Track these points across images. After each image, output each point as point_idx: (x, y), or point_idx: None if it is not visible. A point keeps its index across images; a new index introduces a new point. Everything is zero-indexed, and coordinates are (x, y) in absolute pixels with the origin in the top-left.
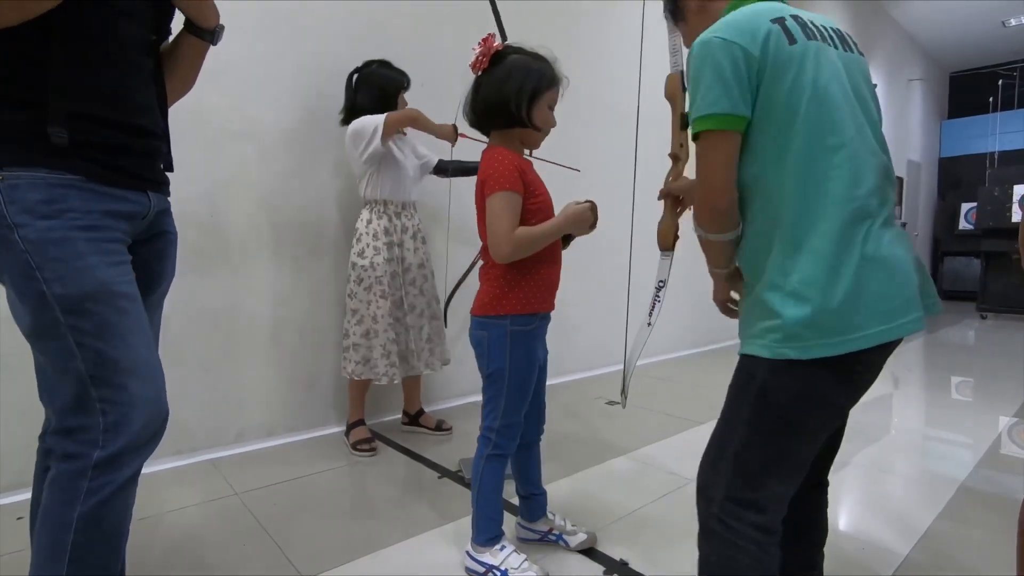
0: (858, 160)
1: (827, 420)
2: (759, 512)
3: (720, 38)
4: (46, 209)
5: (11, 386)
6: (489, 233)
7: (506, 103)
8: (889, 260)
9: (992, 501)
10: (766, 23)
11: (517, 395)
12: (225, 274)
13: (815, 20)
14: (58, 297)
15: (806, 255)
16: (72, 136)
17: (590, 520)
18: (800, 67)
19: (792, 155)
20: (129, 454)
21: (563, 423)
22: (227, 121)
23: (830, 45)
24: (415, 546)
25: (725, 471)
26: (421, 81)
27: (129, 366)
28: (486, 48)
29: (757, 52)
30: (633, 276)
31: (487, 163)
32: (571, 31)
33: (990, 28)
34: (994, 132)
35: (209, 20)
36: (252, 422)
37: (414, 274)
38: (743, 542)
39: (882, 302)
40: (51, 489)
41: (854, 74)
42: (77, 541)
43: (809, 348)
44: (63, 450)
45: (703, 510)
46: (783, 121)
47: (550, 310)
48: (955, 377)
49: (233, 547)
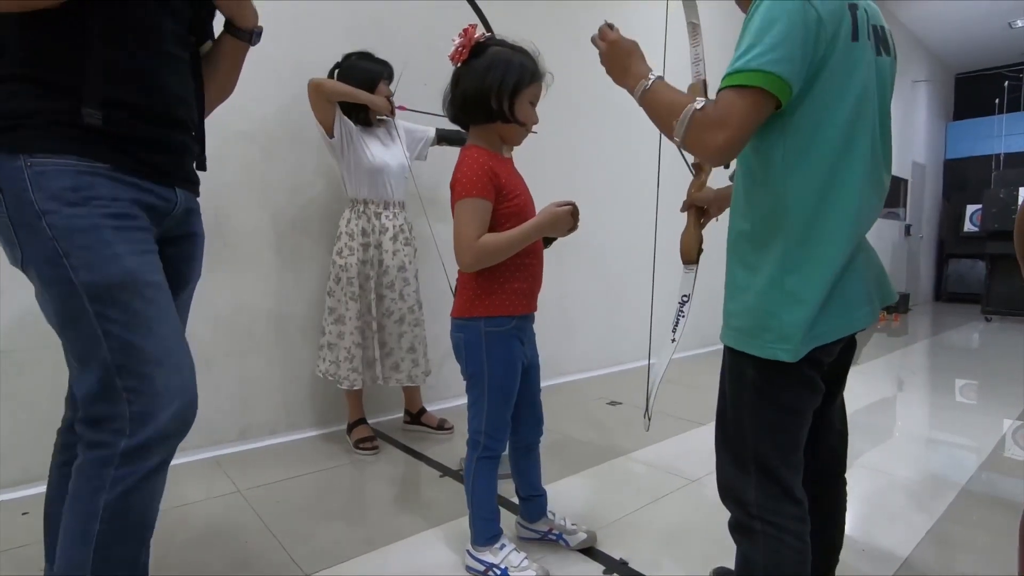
0: (872, 179)
1: (814, 401)
2: (796, 503)
3: None
4: (73, 196)
5: (15, 382)
6: (454, 240)
7: (486, 96)
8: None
9: (994, 504)
10: (845, 5)
11: (499, 395)
12: (229, 273)
13: (868, 11)
14: (85, 285)
15: (813, 262)
16: (105, 123)
17: (590, 519)
18: (854, 69)
19: (817, 156)
20: (156, 444)
21: (564, 423)
22: (233, 121)
23: (873, 50)
24: (417, 544)
25: (752, 471)
26: (423, 81)
27: (156, 356)
28: (467, 39)
29: (830, 33)
30: (631, 278)
31: (459, 166)
32: (578, 28)
33: (996, 29)
34: (1000, 134)
35: (248, 20)
36: (255, 420)
37: (392, 277)
38: (788, 537)
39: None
40: (78, 476)
41: (885, 85)
42: (103, 529)
43: (799, 351)
44: (90, 439)
45: (739, 513)
46: (822, 118)
47: (530, 311)
48: (959, 379)
49: (235, 544)
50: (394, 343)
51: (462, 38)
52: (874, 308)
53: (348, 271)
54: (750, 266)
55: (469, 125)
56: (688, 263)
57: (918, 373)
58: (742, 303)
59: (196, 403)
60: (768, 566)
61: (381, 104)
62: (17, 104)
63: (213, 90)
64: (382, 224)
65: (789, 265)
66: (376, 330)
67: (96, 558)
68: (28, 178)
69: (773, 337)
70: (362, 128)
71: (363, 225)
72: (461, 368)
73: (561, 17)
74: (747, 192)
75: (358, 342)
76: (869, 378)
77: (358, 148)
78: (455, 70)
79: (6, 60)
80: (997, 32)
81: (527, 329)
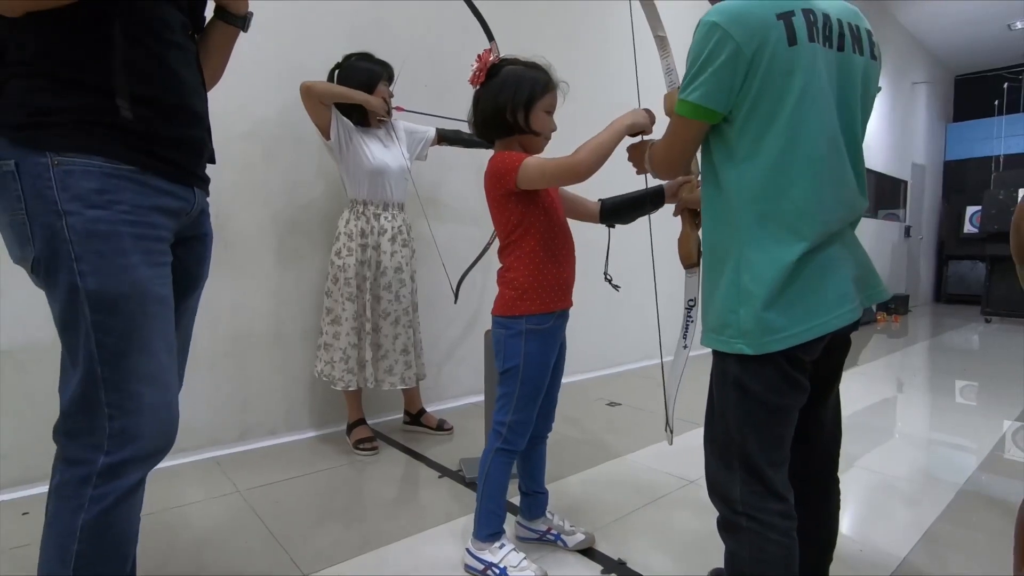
0: (832, 177)
1: (800, 399)
2: (780, 500)
3: (723, 29)
4: (97, 199)
5: (14, 383)
6: (555, 176)
7: (502, 112)
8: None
9: (993, 504)
10: (772, 18)
11: (530, 392)
12: (229, 274)
13: (831, 13)
14: (90, 292)
15: (763, 260)
16: (135, 120)
17: (589, 520)
18: (791, 73)
19: (759, 160)
20: (136, 462)
21: (563, 424)
22: (233, 122)
23: (833, 47)
24: (415, 544)
25: (737, 468)
26: (424, 83)
27: (146, 372)
28: (483, 63)
29: (750, 53)
30: (631, 279)
31: (498, 160)
32: (570, 32)
33: (995, 31)
34: (999, 135)
35: (240, 6)
36: (254, 421)
37: (389, 278)
38: (772, 533)
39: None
40: (56, 497)
41: (852, 82)
42: (81, 550)
43: (761, 344)
44: (67, 455)
45: (725, 510)
46: (760, 123)
47: (567, 307)
48: (959, 381)
49: (235, 544)
50: (389, 345)
51: (479, 62)
52: (854, 307)
53: (346, 271)
54: (715, 268)
55: (494, 140)
56: (690, 267)
57: (918, 374)
58: (711, 304)
59: (176, 423)
60: (753, 562)
61: (376, 104)
62: (41, 101)
63: (206, 78)
64: (381, 225)
65: (743, 264)
66: (371, 331)
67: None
68: (54, 176)
69: (734, 332)
70: (362, 129)
71: (362, 226)
72: (496, 363)
73: (555, 17)
74: (706, 198)
75: (354, 343)
76: (869, 379)
77: (357, 149)
78: (475, 92)
79: (27, 58)
80: (996, 34)
81: (563, 326)
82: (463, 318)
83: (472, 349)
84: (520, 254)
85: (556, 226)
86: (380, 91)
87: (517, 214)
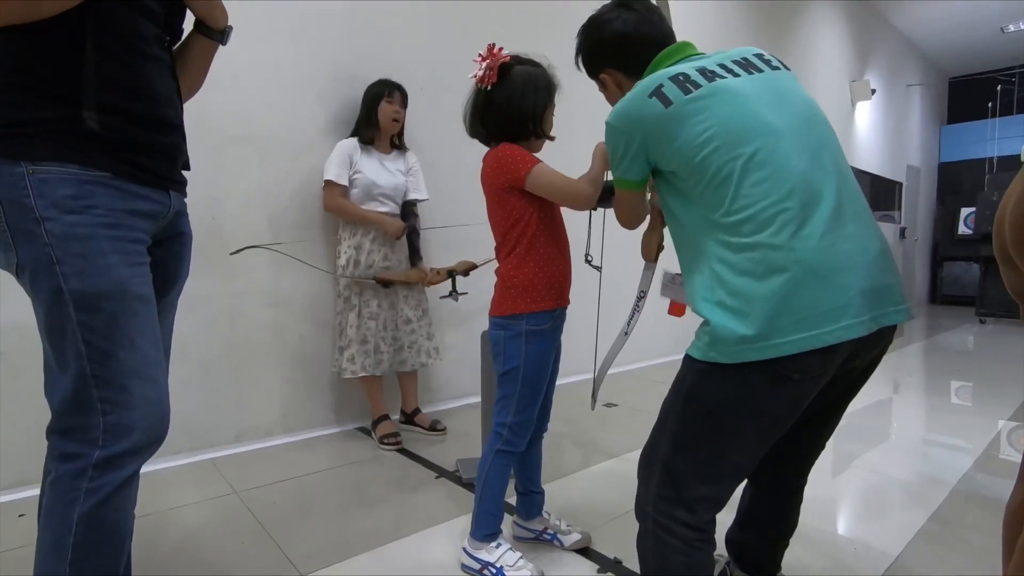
0: (769, 169)
1: (763, 428)
2: (688, 511)
3: (613, 125)
4: (73, 204)
5: (11, 385)
6: (561, 196)
7: (526, 117)
8: (824, 265)
9: (986, 504)
10: (644, 99)
11: (531, 393)
12: (226, 275)
13: (725, 60)
14: (73, 293)
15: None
16: (102, 129)
17: (585, 520)
18: (699, 114)
19: (702, 192)
20: (130, 455)
21: (559, 424)
22: (229, 124)
23: (738, 75)
24: (412, 544)
25: (657, 470)
26: (420, 86)
27: (134, 368)
28: (493, 61)
29: (639, 136)
30: (624, 280)
31: (499, 155)
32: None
33: (989, 33)
34: (993, 137)
35: (218, 20)
36: (252, 422)
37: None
38: (674, 540)
39: (808, 309)
40: (52, 491)
41: (769, 88)
42: (77, 542)
43: (735, 352)
44: (61, 450)
45: (640, 504)
46: (691, 165)
47: (565, 305)
48: (954, 381)
49: (232, 545)
50: (404, 337)
51: (488, 59)
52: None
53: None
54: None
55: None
56: (649, 261)
57: (913, 375)
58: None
59: (168, 416)
60: (651, 563)
61: (395, 229)
62: (13, 113)
63: (183, 90)
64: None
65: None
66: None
67: (72, 572)
68: (30, 185)
69: (708, 340)
70: (364, 150)
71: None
72: (495, 364)
73: (547, 18)
74: (672, 230)
75: (363, 338)
76: None
77: (357, 167)
78: (482, 91)
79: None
80: (989, 36)
81: (561, 326)
82: (458, 320)
83: (470, 351)
84: (519, 251)
85: (555, 222)
86: (384, 109)
87: (519, 208)
